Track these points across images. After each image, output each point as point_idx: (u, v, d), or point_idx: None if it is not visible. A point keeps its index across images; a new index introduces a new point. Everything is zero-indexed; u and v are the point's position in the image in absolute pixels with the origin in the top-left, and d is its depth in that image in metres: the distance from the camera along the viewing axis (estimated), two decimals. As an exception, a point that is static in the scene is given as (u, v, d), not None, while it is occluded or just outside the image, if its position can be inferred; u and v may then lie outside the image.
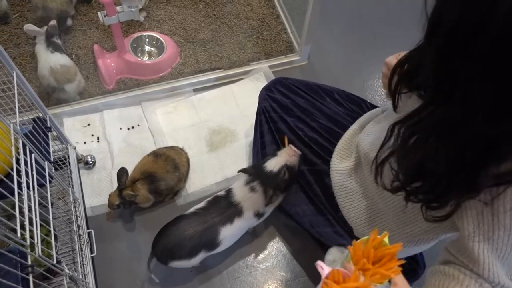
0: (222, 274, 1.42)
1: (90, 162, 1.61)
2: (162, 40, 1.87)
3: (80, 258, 1.21)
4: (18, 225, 0.77)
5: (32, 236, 0.83)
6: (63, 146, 1.46)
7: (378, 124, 1.06)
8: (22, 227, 0.79)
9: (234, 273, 1.43)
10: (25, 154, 0.97)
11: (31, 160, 0.98)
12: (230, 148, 1.70)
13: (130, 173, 1.44)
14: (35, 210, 0.89)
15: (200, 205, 1.29)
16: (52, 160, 1.20)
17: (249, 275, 1.43)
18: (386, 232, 0.68)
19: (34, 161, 0.99)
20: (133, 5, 1.58)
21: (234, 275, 1.43)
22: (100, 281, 1.33)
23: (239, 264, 1.45)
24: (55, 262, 0.91)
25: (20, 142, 0.98)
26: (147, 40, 1.91)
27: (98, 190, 1.57)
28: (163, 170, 1.45)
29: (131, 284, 1.39)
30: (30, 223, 0.84)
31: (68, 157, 1.45)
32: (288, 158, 1.23)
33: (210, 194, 1.55)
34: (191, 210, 1.28)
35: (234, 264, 1.45)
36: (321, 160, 1.21)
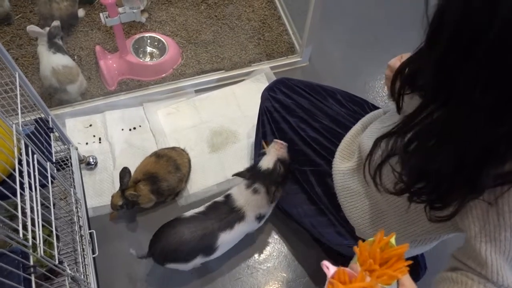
0: (223, 275, 1.42)
1: (92, 163, 1.61)
2: (164, 41, 1.88)
3: (82, 259, 1.21)
4: (20, 225, 0.77)
5: (34, 236, 0.83)
6: (65, 147, 1.46)
7: (380, 125, 1.07)
8: (24, 228, 0.79)
9: (235, 274, 1.43)
10: (27, 154, 0.97)
11: (33, 160, 0.99)
12: (232, 149, 1.70)
13: (132, 174, 1.44)
14: (37, 210, 0.89)
15: (199, 209, 1.28)
16: (54, 160, 1.21)
17: (250, 276, 1.43)
18: (393, 233, 0.68)
19: (36, 161, 0.99)
20: (135, 6, 1.59)
21: (235, 276, 1.43)
22: (101, 281, 1.33)
23: (240, 265, 1.45)
24: (57, 262, 0.91)
25: (22, 143, 0.99)
26: (149, 41, 1.91)
27: (99, 190, 1.57)
28: (165, 171, 1.45)
29: (132, 284, 1.39)
30: (32, 224, 0.84)
31: (70, 157, 1.45)
32: (278, 153, 1.26)
33: (211, 195, 1.57)
34: (190, 213, 1.27)
35: (235, 265, 1.45)
36: (323, 160, 1.21)
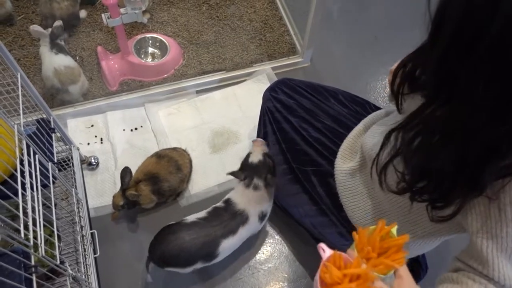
0: (224, 276, 1.43)
1: (94, 163, 1.61)
2: (166, 41, 1.88)
3: (83, 259, 1.21)
4: (22, 225, 0.77)
5: (35, 236, 0.83)
6: (67, 147, 1.47)
7: (382, 126, 1.07)
8: (26, 228, 0.80)
9: (236, 274, 1.43)
10: (29, 155, 0.97)
11: (35, 161, 0.99)
12: (233, 149, 1.70)
13: (133, 174, 1.44)
14: (39, 210, 0.89)
15: (200, 214, 1.28)
16: (55, 161, 1.21)
17: (251, 276, 1.43)
18: (395, 223, 0.67)
19: (37, 162, 1.00)
20: (136, 7, 1.59)
21: (236, 276, 1.43)
22: (103, 281, 1.34)
23: (241, 265, 1.45)
24: (58, 262, 0.91)
25: (24, 143, 0.99)
26: (151, 41, 1.92)
27: (101, 191, 1.57)
28: (166, 171, 1.45)
29: (134, 284, 1.40)
30: (34, 224, 0.84)
31: (71, 158, 1.46)
32: (261, 149, 1.32)
33: (212, 195, 1.57)
34: (192, 218, 1.26)
35: (236, 265, 1.45)
36: (325, 160, 1.21)
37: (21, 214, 0.79)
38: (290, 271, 1.45)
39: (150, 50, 1.93)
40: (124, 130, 1.73)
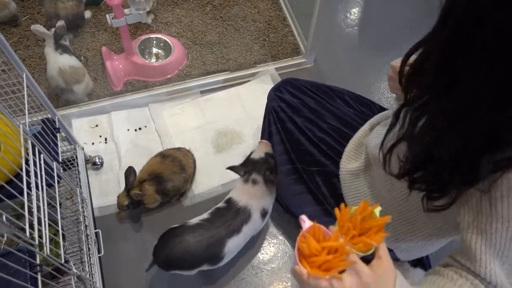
0: (227, 275, 1.43)
1: (98, 163, 1.62)
2: (170, 42, 1.89)
3: (87, 258, 1.22)
4: (27, 224, 0.78)
5: (40, 235, 0.84)
6: (72, 146, 1.47)
7: (385, 127, 1.06)
8: (31, 227, 0.80)
9: (240, 274, 1.43)
10: (34, 154, 0.98)
11: (40, 160, 0.99)
12: (236, 150, 1.70)
13: (137, 174, 1.45)
14: (44, 210, 0.90)
15: (203, 216, 1.27)
16: (60, 160, 1.21)
17: (254, 277, 1.43)
18: (377, 204, 0.67)
19: (43, 161, 1.00)
20: (141, 7, 1.60)
21: (240, 276, 1.43)
22: (107, 280, 1.34)
23: (245, 265, 1.45)
24: (63, 261, 0.91)
25: (29, 142, 1.00)
26: (155, 42, 1.92)
27: (105, 190, 1.58)
28: (170, 171, 1.46)
29: (138, 284, 1.40)
30: (39, 223, 0.85)
31: (76, 157, 1.46)
32: (265, 149, 1.32)
33: (216, 195, 1.57)
34: (195, 221, 1.26)
35: (239, 265, 1.45)
36: (330, 161, 1.21)
37: (26, 213, 0.80)
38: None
39: (154, 50, 1.93)
40: (128, 130, 1.73)
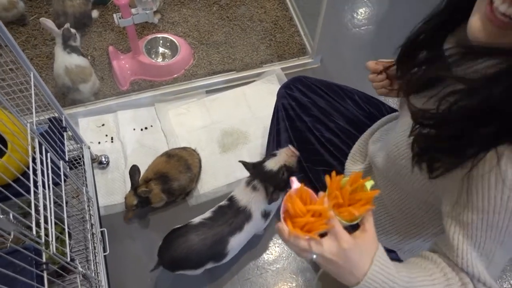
0: (232, 275, 1.43)
1: (104, 162, 1.63)
2: (176, 42, 1.89)
3: (93, 257, 1.22)
4: (34, 223, 0.78)
5: (47, 234, 0.84)
6: (78, 145, 1.48)
7: (386, 132, 1.06)
8: (38, 225, 0.81)
9: (245, 274, 1.43)
10: (41, 153, 0.98)
11: (47, 159, 1.00)
12: (242, 149, 1.70)
13: (143, 173, 1.45)
14: (50, 208, 0.91)
15: (206, 215, 1.27)
16: (67, 159, 1.22)
17: (259, 277, 1.43)
18: (369, 177, 0.67)
19: (49, 160, 1.01)
20: (147, 7, 1.60)
21: (245, 276, 1.43)
22: (112, 279, 1.35)
23: (250, 265, 1.45)
24: (69, 260, 0.92)
25: (36, 141, 1.00)
26: (161, 42, 1.93)
27: (111, 189, 1.59)
28: (176, 171, 1.46)
29: (143, 282, 1.41)
30: (45, 221, 0.85)
31: (82, 156, 1.47)
32: (286, 159, 1.23)
33: (221, 195, 1.57)
34: (198, 220, 1.26)
35: (244, 265, 1.45)
36: (336, 161, 1.21)
37: (33, 212, 0.80)
38: (298, 273, 1.45)
39: (161, 50, 1.94)
40: (134, 129, 1.74)
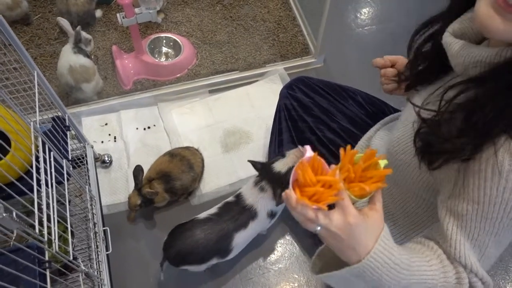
0: (234, 275, 1.43)
1: (107, 161, 1.63)
2: (179, 41, 1.89)
3: (95, 255, 1.23)
4: (37, 221, 0.79)
5: (49, 232, 0.85)
6: (81, 145, 1.48)
7: (389, 131, 1.06)
8: (40, 224, 0.81)
9: (247, 274, 1.43)
10: (44, 152, 0.99)
11: (50, 158, 1.00)
12: (245, 149, 1.70)
13: (146, 172, 1.45)
14: (53, 207, 0.91)
15: (212, 210, 1.28)
16: (70, 158, 1.22)
17: (261, 276, 1.43)
18: (385, 155, 0.66)
19: (52, 159, 1.01)
20: (151, 7, 1.60)
21: (247, 276, 1.43)
22: (114, 278, 1.35)
23: (252, 265, 1.45)
24: (72, 258, 0.92)
25: (39, 140, 1.00)
26: (164, 41, 1.93)
27: (114, 188, 1.59)
28: (179, 170, 1.46)
29: (145, 281, 1.41)
30: (48, 220, 0.85)
31: (85, 155, 1.47)
32: (296, 160, 1.21)
33: (224, 195, 1.57)
34: (204, 215, 1.26)
35: (247, 265, 1.45)
36: (338, 161, 1.20)
37: (36, 210, 0.80)
38: (300, 273, 1.44)
39: (164, 49, 1.94)
40: (137, 128, 1.74)
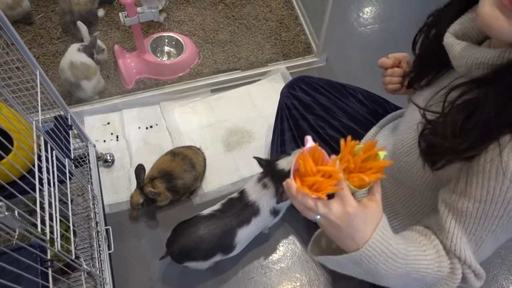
0: (237, 274, 1.43)
1: (109, 160, 1.63)
2: (181, 40, 1.89)
3: (97, 254, 1.23)
4: (39, 220, 0.79)
5: (52, 231, 0.85)
6: (83, 144, 1.49)
7: (393, 130, 1.06)
8: (43, 222, 0.81)
9: (249, 273, 1.43)
10: (46, 151, 0.99)
11: (52, 157, 1.00)
12: (247, 148, 1.70)
13: (148, 171, 1.46)
14: (55, 206, 0.91)
15: (216, 207, 1.27)
16: (72, 157, 1.23)
17: (263, 276, 1.43)
18: (384, 147, 0.67)
19: (55, 158, 1.01)
20: (153, 6, 1.60)
21: (249, 275, 1.43)
22: (116, 277, 1.35)
23: (254, 264, 1.45)
24: (74, 257, 0.92)
25: (42, 139, 1.01)
26: (167, 40, 1.93)
27: (116, 187, 1.59)
28: (181, 169, 1.46)
29: (147, 280, 1.41)
30: (50, 219, 0.86)
31: (88, 154, 1.48)
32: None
33: (226, 194, 1.56)
34: (208, 211, 1.26)
35: (249, 264, 1.45)
36: None
37: (38, 209, 0.80)
38: (302, 272, 1.44)
39: (166, 49, 1.94)
40: (139, 128, 1.74)
